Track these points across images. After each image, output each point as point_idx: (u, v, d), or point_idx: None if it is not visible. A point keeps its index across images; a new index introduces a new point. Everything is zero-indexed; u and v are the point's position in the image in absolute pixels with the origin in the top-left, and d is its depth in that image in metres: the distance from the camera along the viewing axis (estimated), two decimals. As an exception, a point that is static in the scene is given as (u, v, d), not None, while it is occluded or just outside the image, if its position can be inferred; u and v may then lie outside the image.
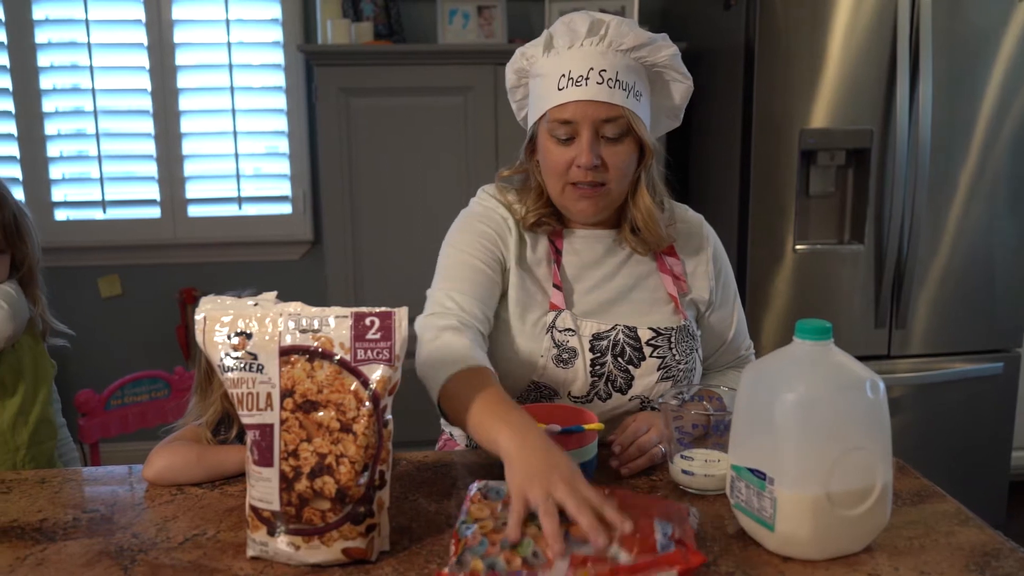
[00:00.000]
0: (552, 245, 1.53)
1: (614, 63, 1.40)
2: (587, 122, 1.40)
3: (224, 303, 1.11)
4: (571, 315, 1.47)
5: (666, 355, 1.48)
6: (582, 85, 1.39)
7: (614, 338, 1.47)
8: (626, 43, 1.41)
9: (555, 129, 1.43)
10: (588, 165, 1.41)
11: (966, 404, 2.90)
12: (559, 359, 1.46)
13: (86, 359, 3.49)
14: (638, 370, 1.48)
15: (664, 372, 1.48)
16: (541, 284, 1.51)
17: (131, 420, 2.24)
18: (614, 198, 1.48)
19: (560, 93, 1.41)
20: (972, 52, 2.71)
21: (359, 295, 3.09)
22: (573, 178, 1.44)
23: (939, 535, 1.17)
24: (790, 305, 2.79)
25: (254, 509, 1.09)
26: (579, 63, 1.40)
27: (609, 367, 1.47)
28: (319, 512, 1.06)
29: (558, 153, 1.43)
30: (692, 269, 1.58)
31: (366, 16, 3.19)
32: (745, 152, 2.76)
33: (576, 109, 1.40)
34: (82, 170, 3.41)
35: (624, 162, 1.44)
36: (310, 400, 1.06)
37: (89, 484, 1.40)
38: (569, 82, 1.40)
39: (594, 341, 1.47)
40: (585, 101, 1.39)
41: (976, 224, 2.82)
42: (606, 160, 1.42)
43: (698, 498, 1.28)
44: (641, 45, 1.42)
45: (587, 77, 1.39)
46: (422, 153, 3.03)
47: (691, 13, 3.20)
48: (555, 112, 1.42)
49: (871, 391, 1.08)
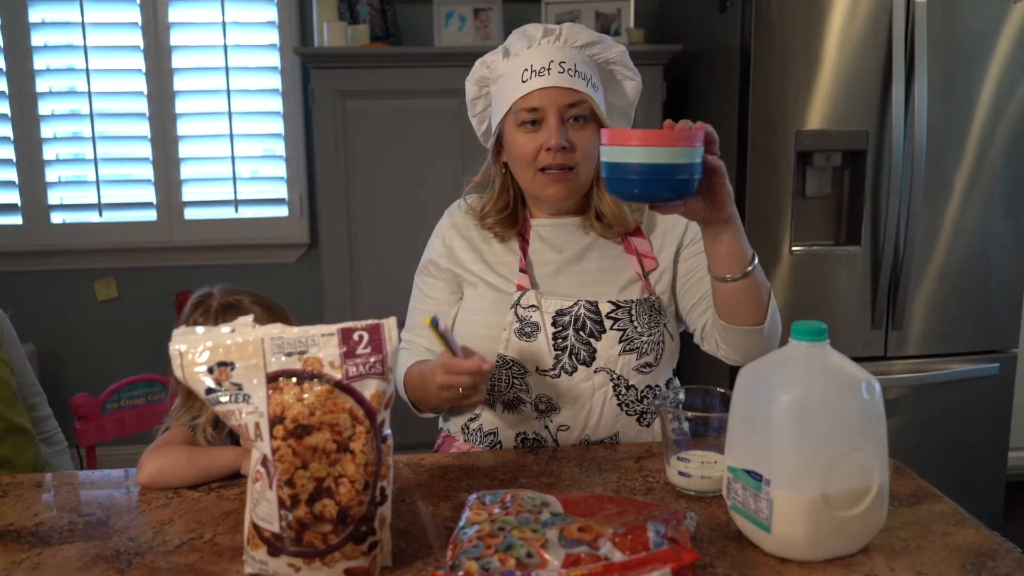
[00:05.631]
0: (520, 236, 1.61)
1: (571, 56, 1.51)
2: (552, 107, 1.49)
3: (199, 333, 1.06)
4: (535, 294, 1.55)
5: (627, 327, 1.53)
6: (544, 75, 1.49)
7: (575, 313, 1.54)
8: (580, 40, 1.53)
9: (522, 118, 1.51)
10: (557, 146, 1.48)
11: (963, 405, 2.91)
12: (522, 332, 1.53)
13: (82, 362, 3.49)
14: (599, 343, 1.53)
15: (626, 344, 1.53)
16: (506, 272, 1.59)
17: (128, 423, 2.24)
18: (582, 182, 1.56)
19: (524, 84, 1.50)
20: (967, 54, 2.72)
21: (355, 297, 3.08)
22: (543, 163, 1.51)
23: (935, 536, 1.17)
24: (787, 306, 2.78)
25: (256, 527, 1.07)
26: (539, 58, 1.51)
27: (571, 340, 1.53)
28: (320, 535, 1.04)
29: (526, 141, 1.52)
30: (659, 242, 1.62)
31: (362, 19, 3.19)
32: (741, 153, 2.76)
33: (541, 96, 1.49)
34: (78, 173, 3.41)
35: (589, 144, 1.51)
36: (302, 424, 1.03)
37: (85, 488, 1.40)
38: (532, 74, 1.50)
39: (556, 316, 1.53)
40: (549, 88, 1.49)
41: (972, 225, 2.82)
42: (574, 142, 1.50)
43: (695, 500, 1.28)
44: (593, 43, 1.54)
45: (548, 68, 1.49)
46: (418, 155, 3.03)
47: (687, 15, 3.21)
48: (521, 102, 1.51)
49: (867, 392, 1.09)
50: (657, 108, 3.04)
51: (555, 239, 1.61)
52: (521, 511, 1.08)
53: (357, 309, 3.09)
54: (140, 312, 3.50)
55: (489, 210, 1.61)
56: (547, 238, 1.61)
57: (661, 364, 1.57)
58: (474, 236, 1.63)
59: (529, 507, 1.09)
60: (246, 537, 1.09)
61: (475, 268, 1.61)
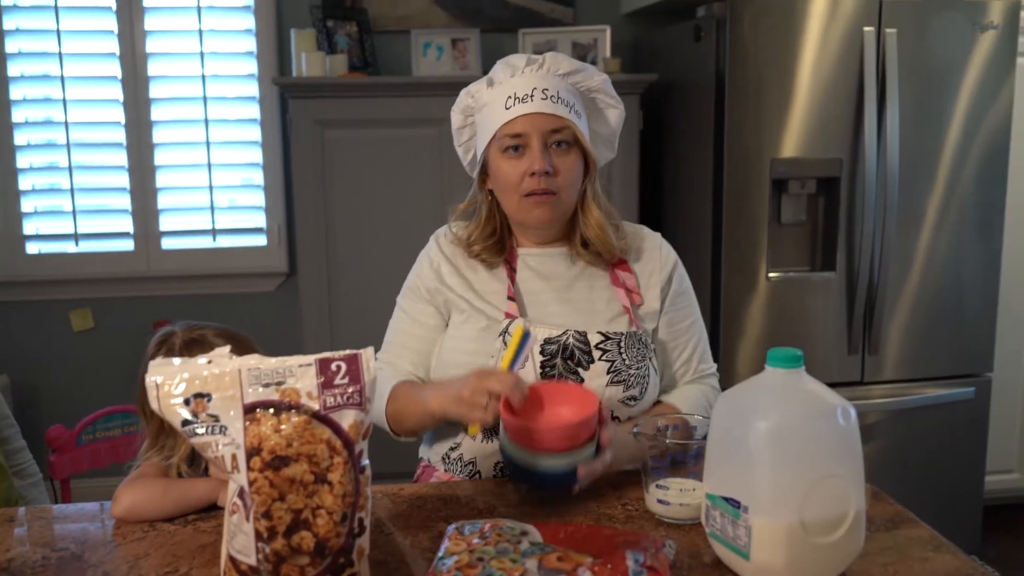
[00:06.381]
0: (507, 264, 1.62)
1: (554, 84, 1.53)
2: (536, 133, 1.51)
3: (175, 365, 1.06)
4: (523, 322, 1.53)
5: (615, 359, 1.53)
6: (528, 102, 1.51)
7: (564, 342, 1.53)
8: (563, 68, 1.55)
9: (506, 144, 1.53)
10: (541, 170, 1.50)
11: (939, 429, 2.92)
12: None
13: (57, 394, 3.45)
14: (587, 372, 1.53)
15: (614, 376, 1.53)
16: (495, 300, 1.59)
17: (103, 455, 2.21)
18: (565, 208, 1.57)
19: (508, 111, 1.52)
20: (937, 82, 2.77)
21: (334, 327, 3.07)
22: (527, 188, 1.53)
23: (913, 561, 1.17)
24: (764, 332, 2.81)
25: (233, 560, 1.05)
26: (523, 86, 1.53)
27: (559, 369, 1.53)
28: (298, 568, 1.03)
29: (510, 167, 1.53)
30: (646, 280, 1.64)
31: (340, 49, 3.21)
32: (717, 181, 2.79)
33: (525, 122, 1.51)
34: (55, 203, 3.38)
35: (573, 169, 1.54)
36: (279, 456, 1.02)
37: (59, 522, 1.38)
38: (516, 101, 1.52)
39: (545, 345, 1.53)
40: (532, 114, 1.51)
41: (945, 250, 2.85)
42: (557, 167, 1.52)
43: (674, 528, 1.28)
44: (575, 71, 1.57)
45: (531, 95, 1.51)
46: (396, 184, 3.04)
47: (662, 45, 3.24)
48: (505, 128, 1.52)
49: (842, 418, 1.09)
50: (634, 137, 3.06)
51: (543, 268, 1.62)
52: (500, 541, 1.07)
53: (336, 338, 3.07)
54: (117, 343, 3.47)
55: (476, 237, 1.62)
56: (535, 267, 1.62)
57: (645, 398, 1.58)
58: (461, 264, 1.64)
59: (508, 537, 1.09)
60: (223, 570, 1.08)
61: (463, 294, 1.61)
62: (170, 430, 1.40)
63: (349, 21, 3.26)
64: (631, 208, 3.00)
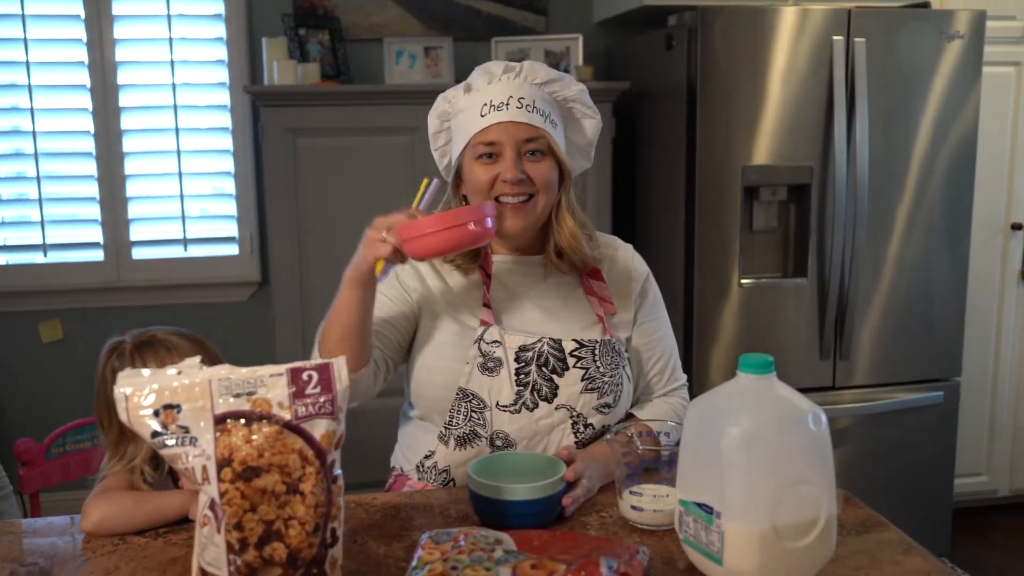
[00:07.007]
0: (482, 271, 1.62)
1: (531, 93, 1.54)
2: (510, 141, 1.52)
3: (144, 376, 1.05)
4: (499, 329, 1.55)
5: (589, 366, 1.54)
6: (503, 110, 1.52)
7: (539, 349, 1.54)
8: (539, 77, 1.56)
9: (480, 151, 1.53)
10: (513, 179, 1.51)
11: (909, 433, 2.96)
12: (484, 367, 1.53)
13: (26, 407, 3.40)
14: (562, 379, 1.54)
15: (588, 383, 1.54)
16: (470, 306, 1.59)
17: (73, 468, 2.18)
18: (539, 214, 1.57)
19: (483, 119, 1.52)
20: (905, 90, 2.80)
21: (307, 336, 3.04)
22: (498, 192, 1.53)
23: (884, 564, 1.18)
24: (737, 338, 2.82)
25: (204, 572, 1.05)
26: (499, 93, 1.53)
27: (534, 376, 1.53)
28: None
29: (483, 172, 1.54)
30: (618, 290, 1.65)
31: (312, 57, 3.20)
32: (689, 189, 2.80)
33: (499, 130, 1.52)
34: (22, 213, 3.34)
35: (547, 175, 1.54)
36: (251, 467, 1.01)
37: (28, 536, 1.36)
38: (491, 109, 1.52)
39: (520, 352, 1.54)
40: (507, 122, 1.51)
41: (914, 257, 2.89)
42: (530, 174, 1.53)
43: (648, 534, 1.29)
44: (552, 80, 1.57)
45: (507, 104, 1.52)
46: (369, 192, 3.03)
47: (635, 54, 3.26)
48: (479, 136, 1.53)
49: (813, 424, 1.10)
50: (607, 145, 3.07)
51: (518, 276, 1.63)
52: (474, 549, 1.07)
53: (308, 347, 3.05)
54: (86, 354, 3.41)
55: None
56: (510, 274, 1.63)
57: (619, 406, 1.59)
58: (437, 267, 1.64)
59: (482, 545, 1.09)
60: (194, 584, 1.07)
61: (440, 297, 1.61)
62: (131, 435, 1.39)
63: (321, 29, 3.25)
64: (604, 215, 3.01)
